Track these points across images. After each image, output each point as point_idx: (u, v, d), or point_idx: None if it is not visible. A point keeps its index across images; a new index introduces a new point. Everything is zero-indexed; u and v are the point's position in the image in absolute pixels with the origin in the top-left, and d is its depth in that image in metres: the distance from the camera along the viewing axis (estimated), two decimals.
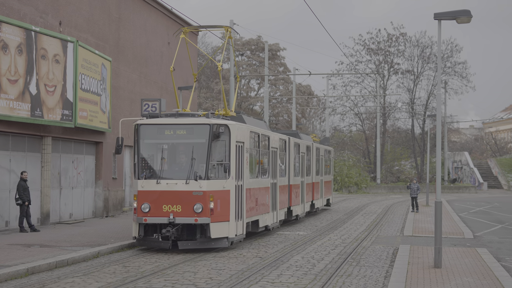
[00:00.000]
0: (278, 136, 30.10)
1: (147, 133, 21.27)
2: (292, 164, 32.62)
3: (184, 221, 20.30)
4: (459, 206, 50.57)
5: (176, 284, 16.11)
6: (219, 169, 21.04)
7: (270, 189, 27.33)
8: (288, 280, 16.87)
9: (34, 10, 28.61)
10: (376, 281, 16.75)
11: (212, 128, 20.48)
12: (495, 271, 17.62)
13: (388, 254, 22.08)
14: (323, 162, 43.06)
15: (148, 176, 20.90)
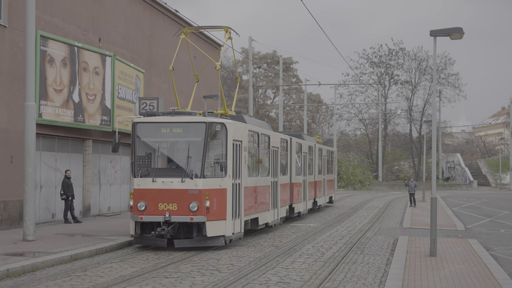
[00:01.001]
0: (279, 136, 27.85)
1: (143, 131, 19.31)
2: (294, 163, 30.36)
3: (179, 220, 18.28)
4: (452, 202, 50.41)
5: (202, 269, 16.12)
6: (216, 168, 18.93)
7: (271, 188, 25.03)
8: (300, 266, 16.89)
9: (77, 28, 28.74)
10: (378, 268, 16.76)
11: (208, 126, 18.55)
12: (484, 259, 17.59)
13: (389, 244, 22.06)
14: (325, 162, 40.89)
15: (144, 174, 18.78)
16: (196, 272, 15.76)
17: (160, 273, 15.43)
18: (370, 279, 15.11)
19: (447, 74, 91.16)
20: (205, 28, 23.66)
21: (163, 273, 15.52)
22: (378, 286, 14.11)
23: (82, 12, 29.45)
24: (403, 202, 48.08)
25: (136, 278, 14.78)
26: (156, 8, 38.63)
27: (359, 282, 14.64)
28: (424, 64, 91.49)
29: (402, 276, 14.70)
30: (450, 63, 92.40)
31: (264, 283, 14.43)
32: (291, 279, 14.89)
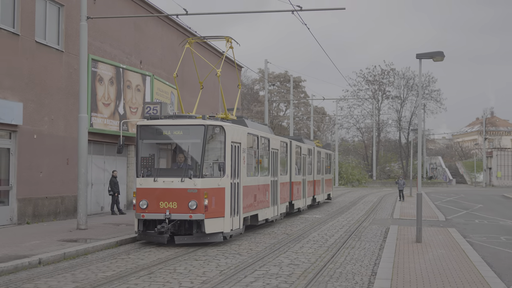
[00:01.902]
0: (279, 139, 25.63)
1: (146, 133, 17.47)
2: (294, 164, 28.33)
3: (179, 217, 16.51)
4: (435, 197, 50.23)
5: (226, 253, 16.08)
6: (215, 168, 17.13)
7: (271, 186, 23.00)
8: (307, 251, 16.87)
9: (122, 52, 28.87)
10: (373, 252, 16.71)
11: (207, 128, 16.74)
12: (462, 245, 17.52)
13: (381, 232, 21.98)
14: (324, 163, 38.70)
15: (146, 174, 17.07)
16: (221, 255, 15.78)
17: (191, 256, 15.46)
18: (366, 261, 15.09)
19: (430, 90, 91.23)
20: (208, 38, 21.64)
21: (193, 256, 15.54)
22: (373, 268, 14.08)
23: (126, 40, 29.59)
24: (393, 197, 47.94)
25: (171, 261, 14.80)
26: (186, 35, 38.75)
27: (357, 264, 14.62)
28: (411, 82, 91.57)
29: (393, 259, 14.67)
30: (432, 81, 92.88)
31: (277, 264, 14.43)
32: (300, 261, 14.88)
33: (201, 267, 13.97)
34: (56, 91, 23.63)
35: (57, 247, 15.68)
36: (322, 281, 12.36)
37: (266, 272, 13.38)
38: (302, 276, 12.87)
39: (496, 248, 18.07)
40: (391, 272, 12.83)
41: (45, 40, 23.35)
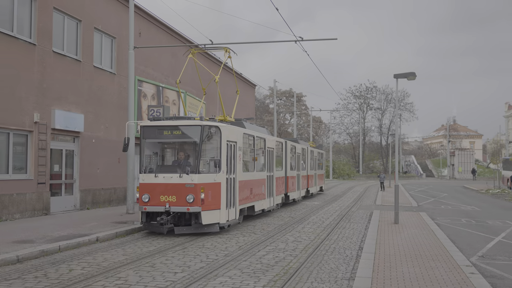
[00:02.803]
0: (274, 139, 23.43)
1: (148, 133, 15.70)
2: (289, 161, 26.31)
3: (178, 210, 14.79)
4: (409, 187, 50.01)
5: (244, 232, 16.10)
6: (211, 164, 15.46)
7: (267, 180, 21.03)
8: (308, 230, 16.84)
9: (161, 74, 28.96)
10: (360, 231, 16.66)
11: (203, 128, 15.09)
12: (430, 226, 17.44)
13: (367, 215, 21.89)
14: (316, 161, 36.44)
15: (148, 171, 15.42)
16: (240, 234, 15.79)
17: (216, 235, 15.46)
18: (354, 238, 15.06)
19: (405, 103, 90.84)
20: (208, 48, 19.33)
21: (218, 234, 15.55)
22: (360, 243, 14.04)
23: (165, 64, 29.69)
24: (376, 188, 47.77)
25: (200, 238, 14.78)
26: (212, 61, 38.84)
27: (348, 240, 14.59)
28: (389, 97, 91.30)
29: (376, 236, 14.63)
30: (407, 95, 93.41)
31: (284, 241, 14.43)
32: (302, 239, 14.87)
33: (223, 243, 14.00)
34: (109, 105, 23.79)
35: (110, 227, 15.72)
36: (320, 254, 12.35)
37: (275, 247, 13.38)
38: (303, 250, 12.87)
39: (458, 228, 17.99)
40: (374, 247, 12.81)
41: (101, 65, 23.51)
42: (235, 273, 10.23)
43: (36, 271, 10.25)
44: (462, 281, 9.23)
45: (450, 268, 10.42)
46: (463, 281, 9.23)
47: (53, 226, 16.00)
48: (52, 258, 11.67)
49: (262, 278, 9.80)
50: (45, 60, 19.75)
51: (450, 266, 10.57)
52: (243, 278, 9.79)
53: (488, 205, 29.36)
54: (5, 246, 12.17)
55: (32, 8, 19.31)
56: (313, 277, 9.93)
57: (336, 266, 10.94)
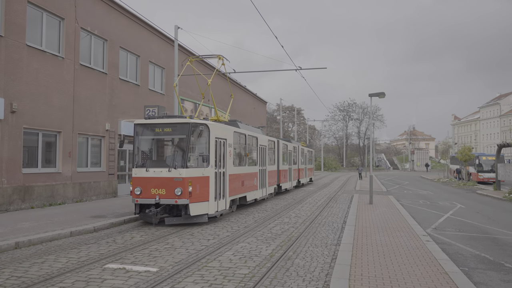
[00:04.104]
0: (267, 138, 20.14)
1: (141, 131, 13.01)
2: (281, 157, 23.46)
3: (167, 202, 12.14)
4: (380, 177, 49.59)
5: (259, 210, 15.99)
6: (200, 159, 12.58)
7: (259, 174, 18.22)
8: (306, 208, 16.73)
9: (196, 94, 29.02)
10: (344, 209, 16.52)
11: (191, 126, 12.43)
12: (396, 206, 17.27)
13: (349, 198, 21.74)
14: (306, 157, 33.73)
15: (141, 165, 12.67)
16: (255, 212, 15.74)
17: (238, 212, 15.40)
18: (340, 215, 14.94)
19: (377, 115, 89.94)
20: (204, 57, 16.51)
21: (239, 210, 15.49)
22: (344, 219, 13.93)
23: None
24: (355, 178, 47.44)
25: (227, 216, 14.76)
26: (235, 84, 38.85)
27: (335, 216, 14.49)
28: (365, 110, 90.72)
29: (355, 213, 14.51)
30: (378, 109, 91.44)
31: (287, 216, 14.35)
32: (301, 215, 14.79)
33: (243, 218, 13.96)
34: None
35: None
36: (315, 226, 12.28)
37: (281, 221, 13.33)
38: (302, 223, 12.80)
39: (417, 208, 17.80)
40: (354, 221, 12.71)
41: (154, 88, 23.63)
42: None
43: (107, 237, 10.31)
44: (420, 247, 9.13)
45: (411, 237, 10.31)
46: (421, 247, 9.13)
47: (120, 205, 16.06)
48: (119, 228, 11.72)
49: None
50: (114, 85, 19.92)
51: (411, 235, 10.45)
52: None
53: (439, 190, 29.03)
54: (85, 220, 12.26)
55: (104, 47, 19.49)
56: (309, 243, 9.88)
57: (327, 235, 10.88)
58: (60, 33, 16.79)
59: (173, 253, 8.69)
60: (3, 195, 13.98)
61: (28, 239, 9.40)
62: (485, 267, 8.01)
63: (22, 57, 14.82)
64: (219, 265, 7.72)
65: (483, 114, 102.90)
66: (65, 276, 6.95)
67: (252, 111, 44.78)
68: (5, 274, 7.04)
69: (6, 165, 14.15)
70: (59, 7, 16.57)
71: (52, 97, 16.15)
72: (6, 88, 14.17)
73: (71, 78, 17.20)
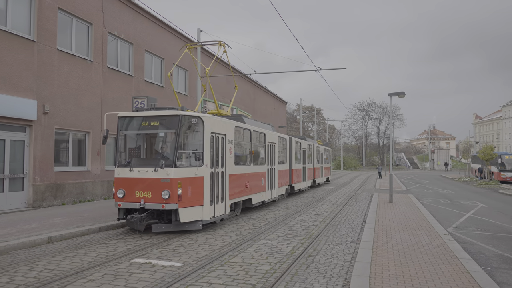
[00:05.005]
0: (277, 135, 17.84)
1: (125, 124, 10.82)
2: (294, 155, 21.14)
3: (152, 207, 10.00)
4: (400, 176, 48.87)
5: (280, 208, 15.97)
6: (193, 158, 10.50)
7: (267, 173, 16.07)
8: (326, 206, 16.62)
9: (219, 95, 29.18)
10: (363, 208, 16.35)
11: (182, 118, 10.25)
12: (417, 204, 17.00)
13: (368, 196, 21.51)
14: (322, 155, 31.10)
15: (123, 164, 10.56)
16: (277, 210, 15.74)
17: (260, 209, 15.43)
18: (359, 213, 14.80)
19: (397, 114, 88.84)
20: (204, 43, 14.41)
21: (261, 208, 15.51)
22: (364, 217, 13.80)
23: (222, 88, 29.94)
24: (375, 177, 46.89)
25: (248, 214, 14.80)
26: (255, 85, 38.92)
27: (355, 215, 14.36)
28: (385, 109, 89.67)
29: (375, 212, 14.36)
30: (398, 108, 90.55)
31: (308, 214, 14.31)
32: (321, 213, 14.72)
33: (264, 216, 13.98)
34: None
35: None
36: (335, 224, 12.21)
37: (301, 219, 13.30)
38: (322, 221, 12.74)
39: (437, 206, 17.49)
40: (374, 219, 12.58)
41: (178, 89, 23.90)
42: None
43: (134, 233, 10.43)
44: (441, 245, 8.97)
45: (431, 235, 10.14)
46: (442, 245, 8.97)
47: None
48: None
49: None
50: (139, 87, 20.23)
51: (431, 234, 10.28)
52: None
53: (460, 189, 28.43)
54: (113, 216, 12.38)
55: (130, 51, 19.82)
56: (330, 240, 9.83)
57: (347, 233, 10.80)
58: (88, 37, 17.16)
59: (197, 248, 8.78)
60: (36, 192, 14.38)
61: (60, 234, 9.65)
62: (508, 267, 7.82)
63: (54, 61, 15.20)
64: (241, 261, 7.77)
65: (506, 113, 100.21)
66: (94, 270, 7.11)
67: (272, 111, 44.75)
68: (39, 267, 7.26)
69: (39, 164, 14.55)
70: (87, 12, 16.93)
71: (81, 99, 16.51)
72: (38, 90, 14.57)
73: (99, 81, 17.55)
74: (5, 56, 13.33)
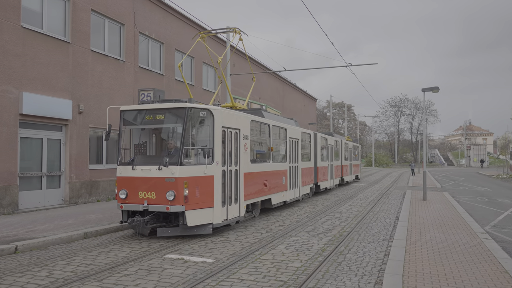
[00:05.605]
0: (299, 130, 16.54)
1: (128, 119, 9.88)
2: (319, 152, 19.80)
3: (157, 209, 9.02)
4: (434, 173, 47.66)
5: (310, 206, 15.91)
6: (201, 155, 9.46)
7: (289, 171, 14.84)
8: (357, 204, 16.44)
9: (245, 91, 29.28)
10: (396, 205, 16.07)
11: (188, 111, 9.18)
12: (452, 202, 16.55)
13: (401, 194, 21.10)
14: (351, 152, 29.50)
15: (125, 162, 9.71)
16: (308, 207, 15.68)
17: (289, 206, 15.40)
18: (392, 211, 14.55)
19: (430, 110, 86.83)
20: (217, 31, 13.08)
21: (290, 206, 15.49)
22: (396, 215, 13.57)
23: (250, 85, 30.02)
24: (408, 174, 45.92)
25: (278, 211, 14.79)
26: (285, 82, 38.80)
27: (387, 213, 14.13)
28: (418, 105, 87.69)
29: (408, 209, 14.07)
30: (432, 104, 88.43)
31: (338, 211, 14.18)
32: (352, 210, 14.56)
33: (295, 213, 13.96)
34: None
35: None
36: (366, 222, 12.05)
37: (332, 216, 13.20)
38: (354, 219, 12.61)
39: (473, 204, 16.97)
40: (407, 217, 12.34)
41: (208, 87, 24.15)
42: None
43: None
44: (478, 244, 8.71)
45: (468, 234, 9.86)
46: (479, 244, 8.71)
47: None
48: None
49: None
50: (170, 85, 20.57)
51: (468, 233, 10.00)
52: None
53: (498, 187, 27.46)
54: None
55: (161, 50, 20.15)
56: (361, 238, 9.72)
57: (379, 231, 10.64)
58: (120, 38, 17.57)
59: (228, 245, 8.87)
60: (72, 189, 14.88)
61: (95, 230, 9.95)
62: None
63: (87, 62, 15.66)
64: (272, 258, 7.80)
65: None
66: (129, 265, 7.30)
67: (302, 108, 44.55)
68: (76, 261, 7.52)
69: (75, 162, 15.04)
70: (119, 13, 17.33)
71: (114, 98, 16.94)
72: (73, 90, 15.05)
73: (131, 80, 17.95)
74: (42, 58, 13.84)
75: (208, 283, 6.27)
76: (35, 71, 13.57)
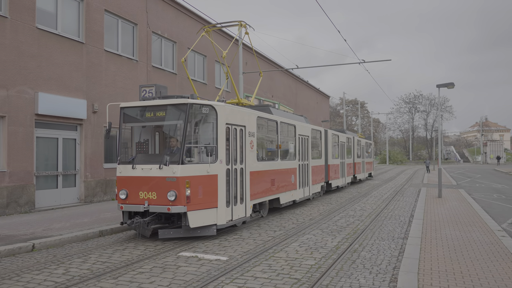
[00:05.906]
0: (309, 127, 16.10)
1: (128, 116, 9.43)
2: (330, 149, 19.34)
3: (157, 210, 8.65)
4: (449, 170, 47.07)
5: (324, 203, 15.83)
6: (204, 153, 8.96)
7: (298, 170, 14.37)
8: (371, 201, 16.32)
9: (261, 91, 29.26)
10: (411, 203, 15.91)
11: (190, 107, 8.74)
12: (468, 199, 16.33)
13: (416, 191, 20.89)
14: (364, 150, 28.72)
15: (126, 161, 9.26)
16: (321, 205, 15.62)
17: (302, 204, 15.34)
18: (406, 208, 14.42)
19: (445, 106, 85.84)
20: (223, 25, 12.53)
21: (304, 203, 15.43)
22: (411, 212, 13.44)
23: (264, 83, 29.98)
24: (423, 171, 45.44)
25: (292, 209, 14.76)
26: (297, 80, 38.66)
27: (401, 210, 14.00)
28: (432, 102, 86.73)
29: (423, 207, 13.93)
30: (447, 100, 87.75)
31: (353, 209, 14.10)
32: (366, 208, 14.47)
33: (308, 211, 13.92)
34: None
35: None
36: (380, 220, 11.96)
37: (346, 214, 13.14)
38: (368, 217, 12.53)
39: (490, 202, 16.72)
40: (422, 215, 12.21)
41: (220, 86, 24.20)
42: None
43: None
44: (495, 242, 8.58)
45: (484, 231, 9.72)
46: (496, 242, 8.58)
47: None
48: None
49: None
50: (183, 84, 20.69)
51: (484, 230, 9.85)
52: None
53: None
54: None
55: (174, 49, 20.26)
56: (375, 236, 9.65)
57: (393, 229, 10.56)
58: (133, 37, 17.72)
59: (242, 243, 8.89)
60: (87, 188, 15.08)
61: (110, 228, 10.07)
62: None
63: (101, 62, 15.83)
64: (285, 255, 7.80)
65: None
66: (143, 262, 7.37)
67: (315, 106, 44.38)
68: (92, 259, 7.62)
69: (90, 161, 15.24)
70: (132, 13, 17.47)
71: (127, 98, 17.10)
72: (88, 90, 15.24)
73: (145, 79, 18.09)
74: (57, 58, 14.03)
75: (222, 280, 6.30)
76: (50, 71, 13.77)
